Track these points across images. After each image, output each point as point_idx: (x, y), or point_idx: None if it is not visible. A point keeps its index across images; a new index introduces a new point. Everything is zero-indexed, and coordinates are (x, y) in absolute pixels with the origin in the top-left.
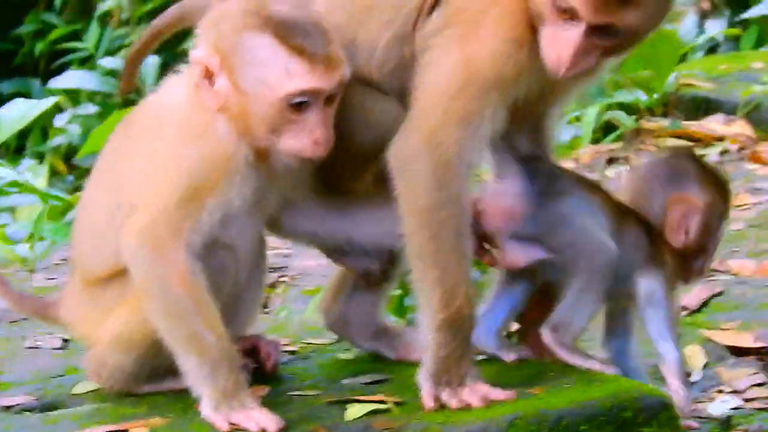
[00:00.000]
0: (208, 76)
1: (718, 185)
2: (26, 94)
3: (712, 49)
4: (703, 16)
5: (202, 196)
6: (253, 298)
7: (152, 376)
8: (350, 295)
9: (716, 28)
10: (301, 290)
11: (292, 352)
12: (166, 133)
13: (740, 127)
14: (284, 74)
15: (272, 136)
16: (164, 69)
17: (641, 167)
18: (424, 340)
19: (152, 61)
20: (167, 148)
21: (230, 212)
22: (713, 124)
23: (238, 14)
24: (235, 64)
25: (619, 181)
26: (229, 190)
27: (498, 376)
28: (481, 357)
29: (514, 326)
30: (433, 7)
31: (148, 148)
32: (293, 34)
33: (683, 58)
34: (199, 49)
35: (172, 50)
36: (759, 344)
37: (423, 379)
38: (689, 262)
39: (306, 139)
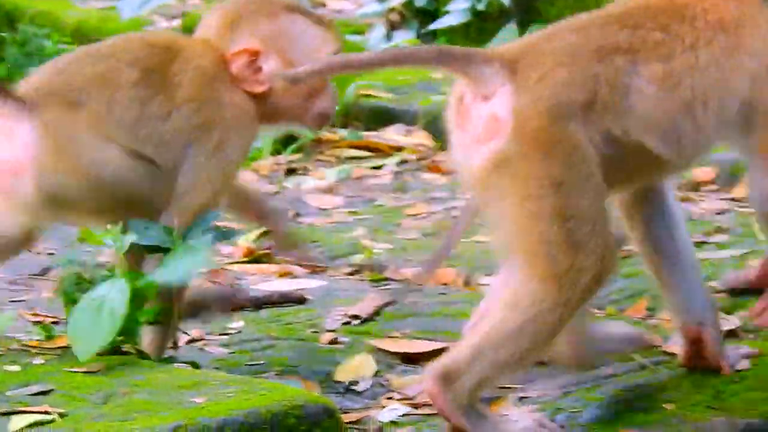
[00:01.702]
0: (252, 62)
1: None
2: None
3: None
4: (392, 27)
5: None
6: None
7: None
8: None
9: (404, 39)
10: None
11: None
12: None
13: (420, 138)
14: (322, 41)
15: (307, 102)
16: None
17: None
18: None
19: None
20: None
21: None
22: (393, 134)
23: (259, 9)
24: (283, 44)
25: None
26: None
27: (160, 384)
28: None
29: None
30: None
31: None
32: (310, 12)
33: None
34: (236, 43)
35: None
36: (430, 348)
37: None
38: None
39: (332, 99)
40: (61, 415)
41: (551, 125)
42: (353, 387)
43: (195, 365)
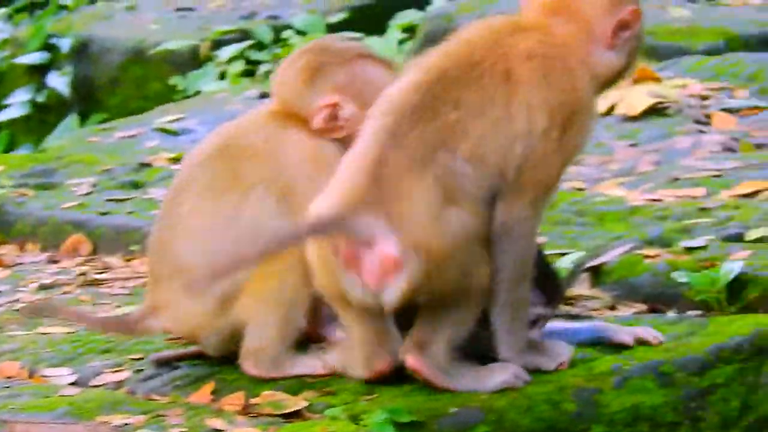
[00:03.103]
0: (334, 113)
1: None
2: None
3: None
4: None
5: None
6: None
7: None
8: None
9: None
10: None
11: None
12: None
13: None
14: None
15: None
16: None
17: None
18: None
19: None
20: None
21: None
22: None
23: (333, 59)
24: (360, 90)
25: None
26: None
27: None
28: None
29: None
30: None
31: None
32: (378, 57)
33: None
34: (316, 98)
35: None
36: None
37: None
38: None
39: None
40: None
41: (442, 236)
42: None
43: None
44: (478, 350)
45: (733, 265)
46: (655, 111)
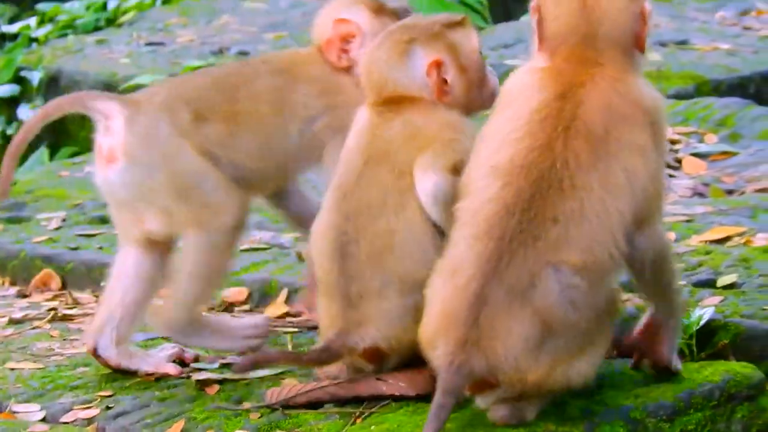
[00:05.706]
0: (442, 75)
1: None
2: None
3: None
4: None
5: None
6: None
7: None
8: None
9: None
10: None
11: None
12: None
13: None
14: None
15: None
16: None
17: None
18: None
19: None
20: None
21: None
22: None
23: (421, 34)
24: (456, 56)
25: None
26: None
27: None
28: None
29: None
30: None
31: None
32: (467, 21)
33: None
34: (424, 62)
35: None
36: None
37: None
38: None
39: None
40: None
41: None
42: None
43: None
44: None
45: (703, 311)
46: None
